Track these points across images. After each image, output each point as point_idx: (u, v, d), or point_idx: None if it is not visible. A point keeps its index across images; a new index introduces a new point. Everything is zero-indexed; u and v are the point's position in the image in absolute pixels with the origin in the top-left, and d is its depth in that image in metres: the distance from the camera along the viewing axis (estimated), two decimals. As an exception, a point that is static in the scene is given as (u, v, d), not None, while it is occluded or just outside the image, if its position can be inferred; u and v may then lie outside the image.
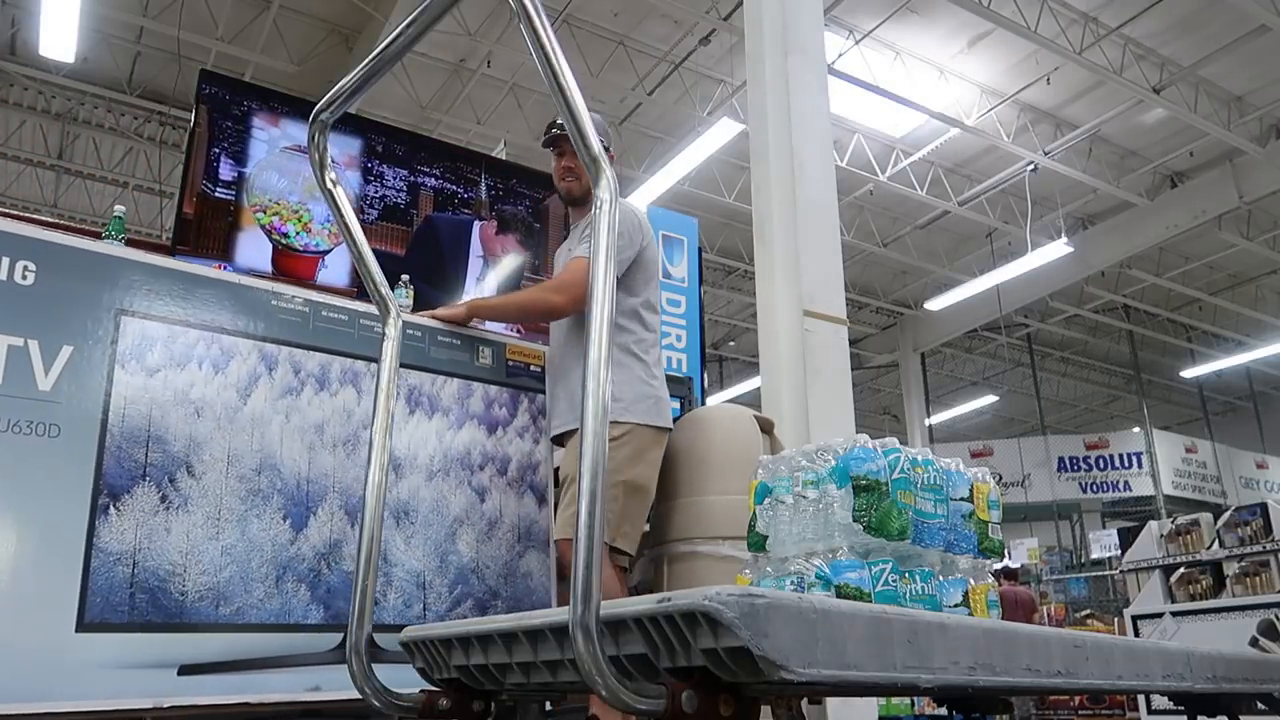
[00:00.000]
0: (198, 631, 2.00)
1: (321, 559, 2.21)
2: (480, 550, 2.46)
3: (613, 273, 1.07)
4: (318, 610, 2.18)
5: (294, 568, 2.17)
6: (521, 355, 2.78)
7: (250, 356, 2.25)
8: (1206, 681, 1.52)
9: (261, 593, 2.11)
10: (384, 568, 2.30)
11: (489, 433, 2.60)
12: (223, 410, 2.18)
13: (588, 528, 0.97)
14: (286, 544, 2.17)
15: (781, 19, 4.35)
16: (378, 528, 1.50)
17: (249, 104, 3.26)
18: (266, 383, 2.26)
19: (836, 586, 1.41)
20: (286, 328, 2.33)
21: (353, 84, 1.42)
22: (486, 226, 3.65)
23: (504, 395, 2.68)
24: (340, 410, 2.36)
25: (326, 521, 2.25)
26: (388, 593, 2.31)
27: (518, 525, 2.56)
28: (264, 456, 2.21)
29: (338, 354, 2.40)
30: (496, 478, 2.57)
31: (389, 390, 1.59)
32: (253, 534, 2.13)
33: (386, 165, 3.50)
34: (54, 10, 7.01)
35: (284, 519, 2.19)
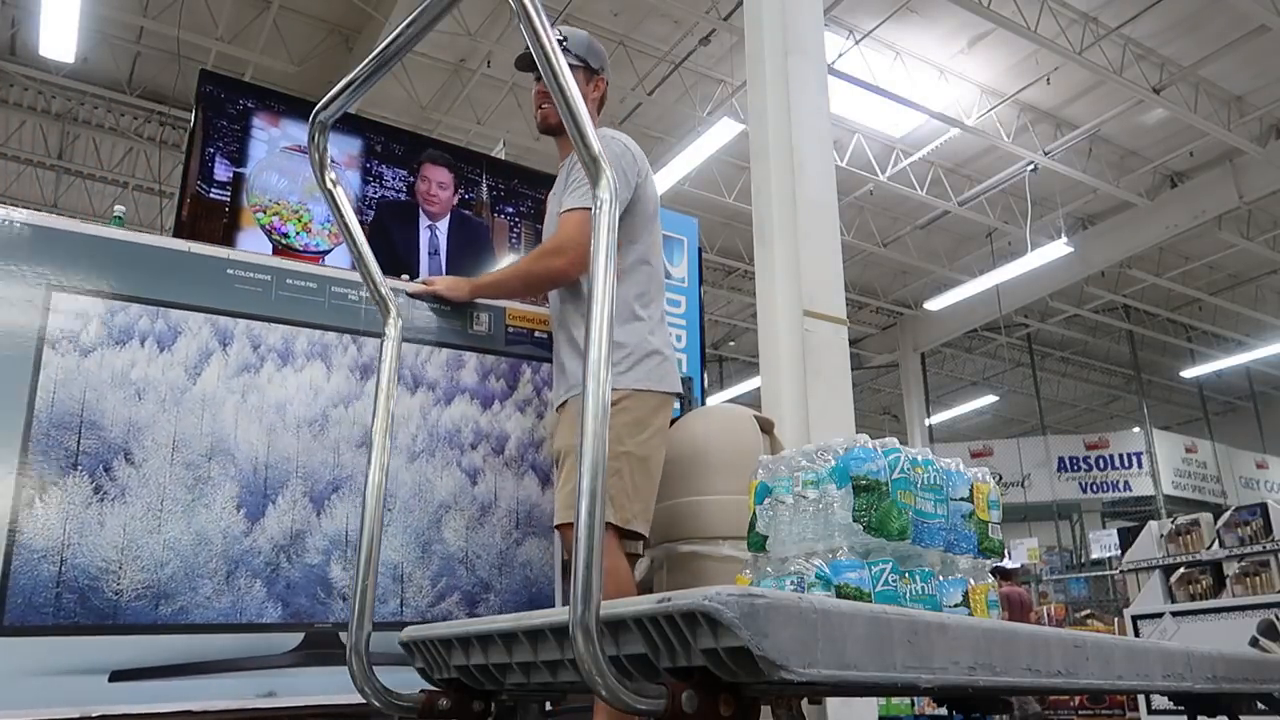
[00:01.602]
0: (133, 634, 1.84)
1: (280, 552, 2.03)
2: (470, 539, 2.26)
3: (613, 272, 1.07)
4: (274, 608, 2.00)
5: (248, 562, 1.99)
6: (524, 320, 2.54)
7: (201, 331, 2.07)
8: (1206, 681, 1.52)
9: (209, 590, 1.94)
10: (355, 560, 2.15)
11: (483, 407, 2.37)
12: (168, 391, 1.99)
13: (588, 527, 0.97)
14: (240, 536, 2.00)
15: (781, 19, 4.35)
16: (378, 528, 1.50)
17: (249, 104, 3.26)
18: (220, 360, 2.08)
19: (836, 586, 1.41)
20: (244, 298, 2.14)
21: (353, 84, 1.42)
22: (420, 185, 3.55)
23: (502, 365, 2.44)
24: (306, 387, 2.16)
25: (287, 510, 2.06)
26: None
27: (515, 510, 2.34)
28: (215, 440, 2.02)
29: (304, 325, 2.20)
30: (491, 457, 2.34)
31: (389, 390, 1.59)
32: (200, 526, 1.96)
33: (386, 165, 3.49)
34: (54, 10, 7.01)
35: (238, 509, 2.01)
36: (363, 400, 2.21)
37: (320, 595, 2.06)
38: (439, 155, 3.63)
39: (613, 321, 1.06)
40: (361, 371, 2.24)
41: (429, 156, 3.59)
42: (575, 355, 2.33)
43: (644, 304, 2.34)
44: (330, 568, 2.09)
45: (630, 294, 2.32)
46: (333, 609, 2.07)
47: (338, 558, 2.10)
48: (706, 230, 11.33)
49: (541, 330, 2.52)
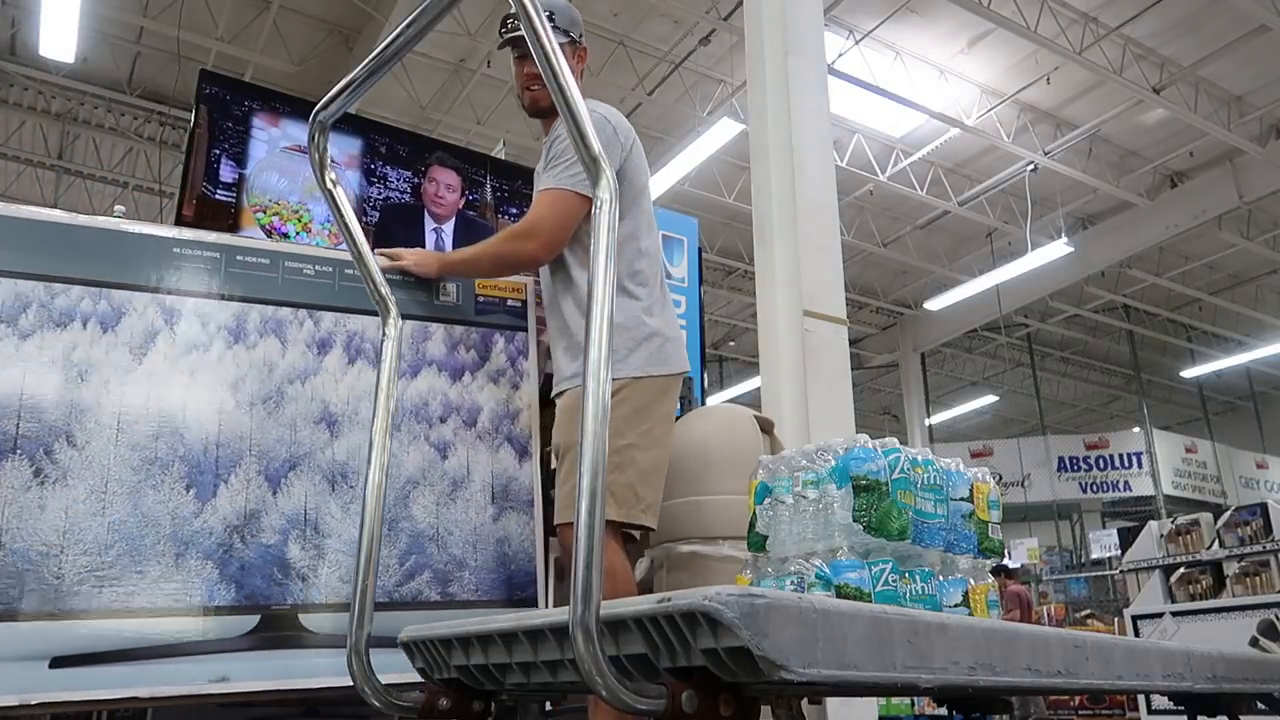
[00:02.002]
0: (75, 619, 1.79)
1: (234, 532, 1.97)
2: (441, 515, 2.17)
3: (614, 271, 1.07)
4: (227, 590, 1.93)
5: (198, 543, 1.93)
6: (494, 289, 2.45)
7: (147, 311, 2.03)
8: (1206, 681, 1.52)
9: (156, 573, 1.88)
10: (315, 539, 2.04)
11: (452, 379, 2.29)
12: (112, 372, 1.96)
13: (588, 527, 0.97)
14: (190, 517, 1.94)
15: (781, 19, 4.35)
16: (378, 528, 1.50)
17: (249, 104, 3.26)
18: (167, 339, 2.03)
19: (836, 586, 1.41)
20: (192, 276, 2.10)
21: (352, 84, 1.42)
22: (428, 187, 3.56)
23: (472, 336, 2.36)
24: (260, 364, 2.11)
25: (240, 490, 2.00)
26: (319, 568, 2.03)
27: (490, 484, 2.25)
28: (163, 421, 1.97)
29: (256, 302, 2.15)
30: (463, 430, 2.26)
31: (389, 390, 1.59)
32: (147, 507, 1.91)
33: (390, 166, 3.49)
34: (54, 10, 7.01)
35: (187, 489, 1.95)
36: (320, 375, 2.17)
37: (277, 576, 1.99)
38: (446, 158, 3.63)
39: (613, 321, 1.06)
40: (319, 347, 2.20)
41: (437, 159, 3.59)
42: (565, 343, 2.24)
43: (638, 281, 2.22)
44: (288, 547, 2.02)
45: (622, 272, 2.21)
46: (290, 590, 2.00)
47: (295, 537, 2.03)
48: (706, 230, 11.33)
49: (514, 299, 2.45)
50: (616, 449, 2.04)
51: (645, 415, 2.14)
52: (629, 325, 2.17)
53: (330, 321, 2.23)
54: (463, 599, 2.13)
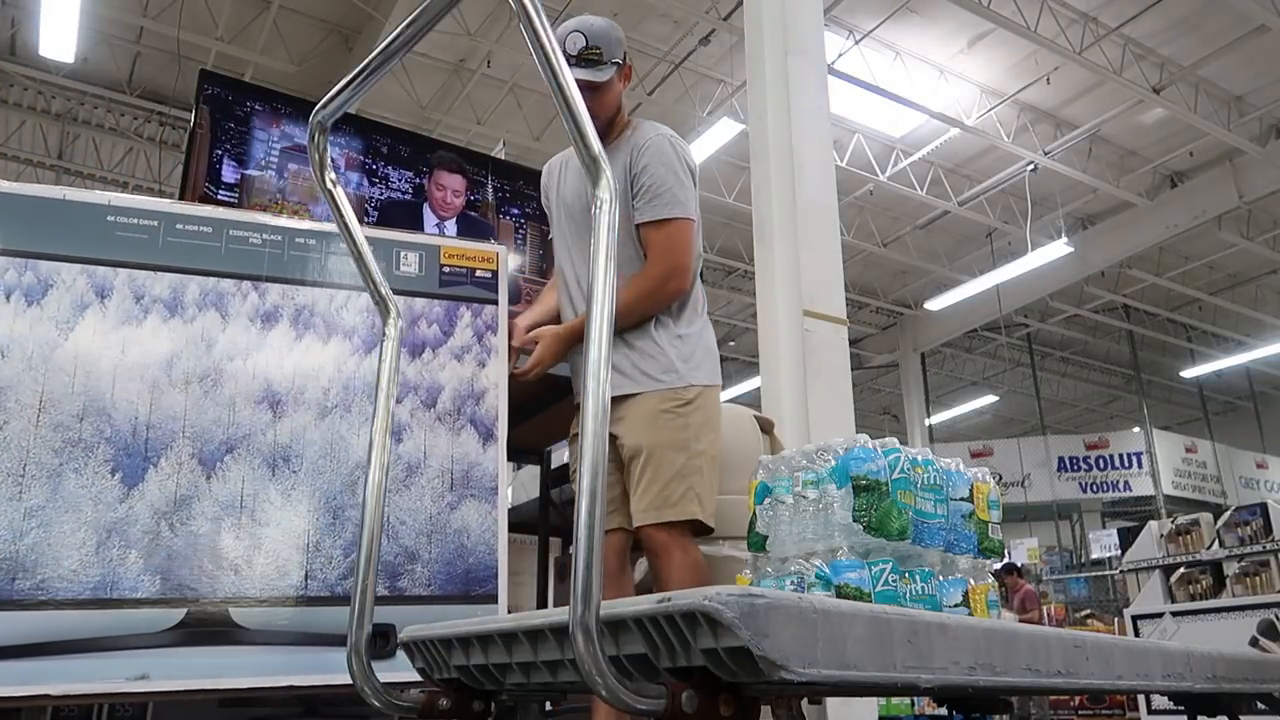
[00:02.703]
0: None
1: (161, 519, 1.84)
2: (392, 503, 2.01)
3: (613, 271, 1.07)
4: (151, 582, 1.80)
5: (122, 531, 1.81)
6: (462, 258, 2.28)
7: (76, 283, 1.90)
8: (1206, 681, 1.52)
9: (75, 562, 1.76)
10: (251, 528, 1.90)
11: (411, 357, 2.13)
12: (35, 348, 1.83)
13: (588, 528, 0.96)
14: (114, 503, 1.81)
15: (781, 19, 4.35)
16: (378, 527, 1.49)
17: (249, 104, 3.26)
18: (97, 313, 1.90)
19: (836, 586, 1.41)
20: (127, 246, 1.96)
21: (352, 84, 1.42)
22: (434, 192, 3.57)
23: (435, 309, 2.20)
24: (197, 339, 1.97)
25: (171, 474, 1.87)
26: (254, 559, 1.89)
27: (449, 470, 2.10)
28: (89, 400, 1.85)
29: (196, 273, 2.00)
30: (421, 411, 2.10)
31: (389, 390, 1.59)
32: (68, 492, 1.79)
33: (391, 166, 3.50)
34: (54, 10, 7.01)
35: (112, 473, 1.83)
36: (264, 352, 2.03)
37: (206, 568, 1.86)
38: (450, 160, 3.64)
39: (613, 321, 1.05)
40: (263, 320, 2.05)
41: (441, 160, 3.60)
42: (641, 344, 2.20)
43: (702, 303, 2.34)
44: (220, 537, 1.89)
45: (696, 292, 2.31)
46: (221, 583, 1.87)
47: (230, 525, 1.90)
48: (707, 230, 11.29)
49: (484, 269, 2.29)
50: (696, 453, 2.13)
51: (713, 424, 2.21)
52: (701, 336, 2.26)
53: (277, 294, 2.08)
54: (413, 594, 1.99)
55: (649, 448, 2.13)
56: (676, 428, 2.15)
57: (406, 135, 3.84)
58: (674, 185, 2.24)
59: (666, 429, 2.14)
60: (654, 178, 2.22)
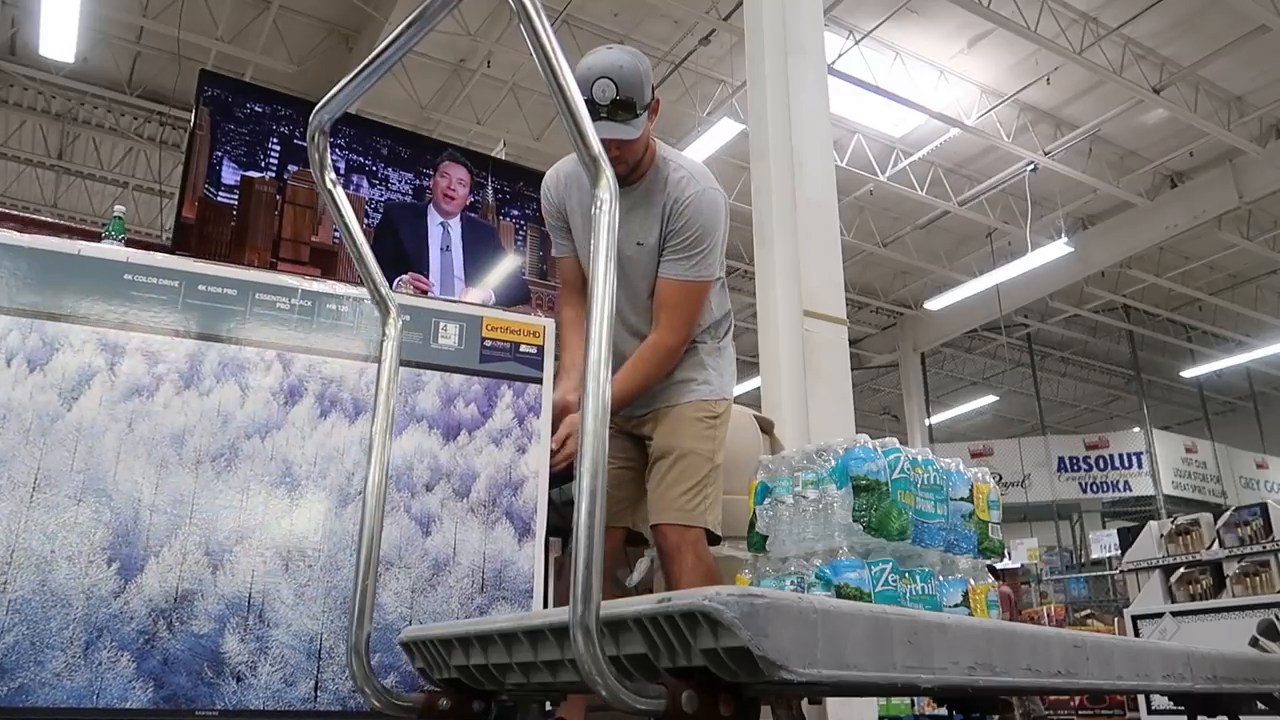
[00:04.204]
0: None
1: (159, 618, 1.65)
2: (417, 604, 1.82)
3: (613, 272, 1.07)
4: (144, 689, 1.61)
5: (115, 630, 1.62)
6: (505, 331, 2.10)
7: (84, 347, 1.73)
8: (1206, 681, 1.52)
9: (60, 664, 1.57)
10: (260, 630, 1.72)
11: (445, 439, 1.95)
12: (35, 419, 1.67)
13: (588, 528, 0.96)
14: (108, 597, 1.63)
15: (781, 19, 4.35)
16: (378, 528, 1.49)
17: (249, 104, 3.26)
18: (105, 381, 1.74)
19: (836, 586, 1.41)
20: (144, 308, 1.80)
21: (352, 84, 1.42)
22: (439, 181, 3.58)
23: (474, 387, 2.01)
24: (213, 414, 1.79)
25: (174, 566, 1.69)
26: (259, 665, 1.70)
27: (481, 569, 1.90)
28: (89, 478, 1.68)
29: (217, 340, 1.83)
30: (452, 501, 1.92)
31: (389, 390, 1.58)
32: (58, 583, 1.60)
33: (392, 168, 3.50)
34: (54, 10, 7.01)
35: (109, 562, 1.65)
36: (285, 430, 1.85)
37: (207, 674, 1.68)
38: (457, 154, 3.66)
39: (614, 322, 1.06)
40: (287, 395, 1.87)
41: (449, 155, 3.62)
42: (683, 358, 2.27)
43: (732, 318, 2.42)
44: (224, 639, 1.70)
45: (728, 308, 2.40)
46: (222, 692, 1.67)
47: (235, 626, 1.71)
48: (706, 230, 11.29)
49: (529, 344, 2.11)
50: (716, 465, 2.19)
51: (725, 439, 2.27)
52: (731, 350, 2.37)
53: (303, 366, 1.90)
54: None
55: (681, 451, 2.16)
56: (706, 437, 2.22)
57: (407, 136, 3.84)
58: (711, 247, 2.20)
59: (699, 437, 2.20)
60: (696, 238, 2.15)
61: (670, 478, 2.14)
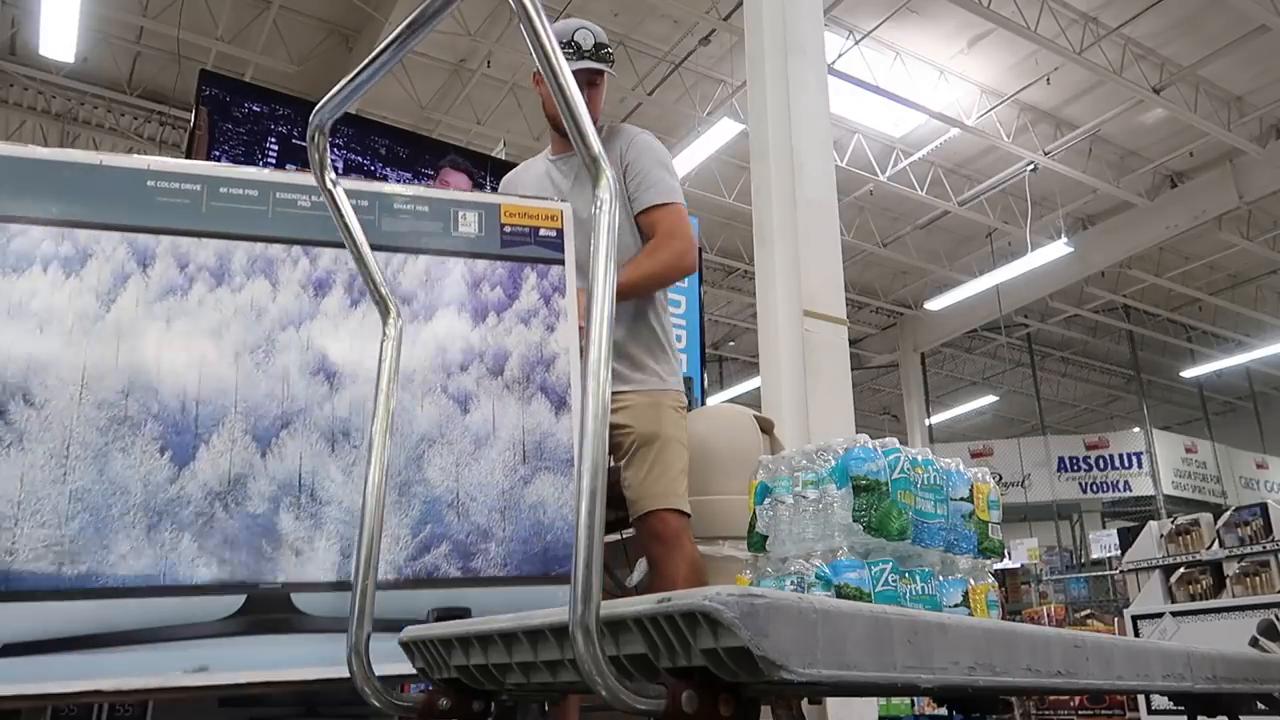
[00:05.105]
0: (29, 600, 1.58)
1: (215, 500, 1.73)
2: (462, 478, 1.88)
3: (613, 272, 1.07)
4: (208, 566, 1.69)
5: (174, 513, 1.70)
6: (524, 218, 2.12)
7: (116, 252, 1.79)
8: (1206, 681, 1.52)
9: (125, 547, 1.65)
10: (312, 508, 1.79)
11: (474, 322, 1.99)
12: (75, 322, 1.73)
13: (588, 528, 0.96)
14: (164, 483, 1.70)
15: (781, 19, 4.35)
16: (378, 527, 1.49)
17: (248, 104, 3.26)
18: (139, 283, 1.79)
19: (836, 586, 1.41)
20: (169, 212, 1.85)
21: (352, 84, 1.42)
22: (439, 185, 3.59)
23: (497, 271, 2.04)
24: (246, 309, 1.85)
25: (224, 451, 1.75)
26: (315, 540, 1.77)
27: (521, 442, 1.95)
28: (134, 375, 1.74)
29: (243, 239, 1.89)
30: (487, 379, 1.96)
31: (389, 390, 1.59)
32: (115, 473, 1.68)
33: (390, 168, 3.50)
34: (54, 10, 7.01)
35: (161, 451, 1.72)
36: (318, 320, 1.91)
37: (266, 550, 1.75)
38: (458, 160, 3.65)
39: (614, 321, 1.05)
40: (315, 287, 1.93)
41: (449, 161, 3.61)
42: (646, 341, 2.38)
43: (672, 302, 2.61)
44: (278, 517, 1.78)
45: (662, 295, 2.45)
46: (281, 566, 1.76)
47: (288, 505, 1.79)
48: (706, 230, 11.33)
49: (548, 227, 2.13)
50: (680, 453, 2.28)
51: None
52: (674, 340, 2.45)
53: (329, 259, 1.94)
54: (488, 575, 1.86)
55: (665, 437, 2.26)
56: (681, 427, 2.33)
57: (405, 136, 3.84)
58: (666, 175, 2.37)
59: (677, 426, 2.32)
60: (648, 168, 2.35)
61: (661, 463, 2.23)
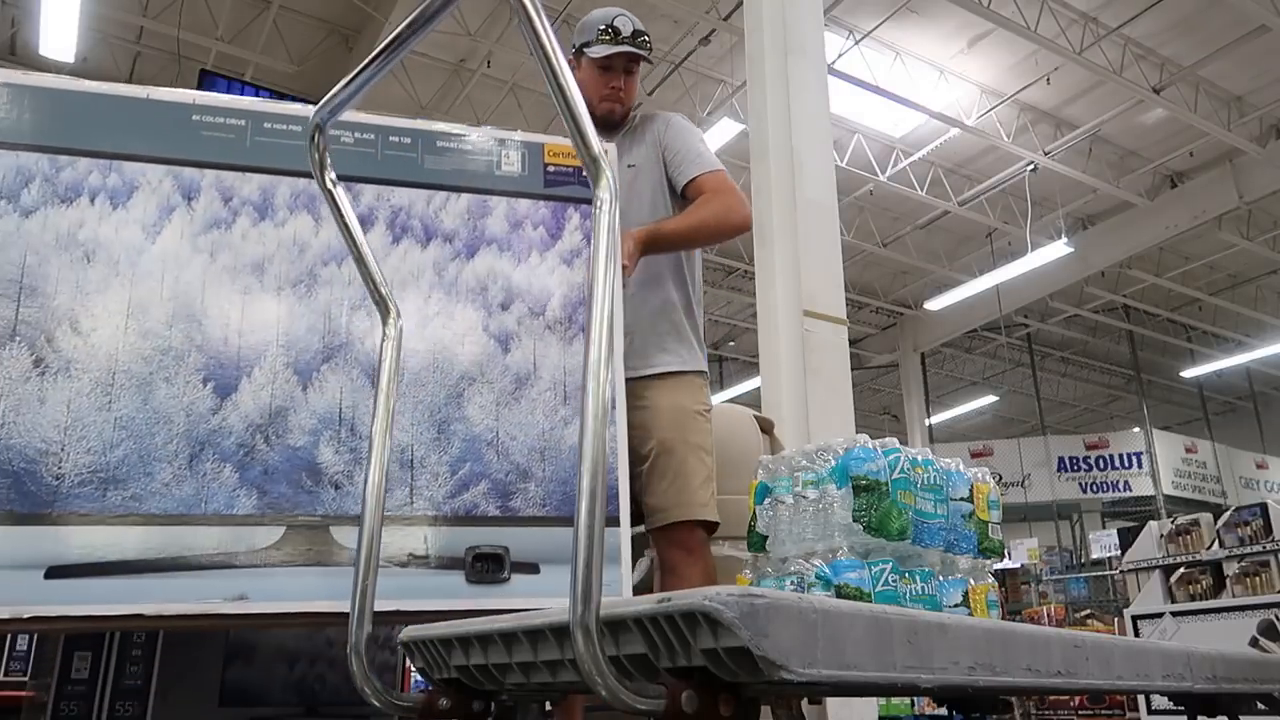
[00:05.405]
0: (75, 524, 1.60)
1: (256, 432, 1.74)
2: (502, 417, 1.87)
3: (613, 271, 1.07)
4: (248, 497, 1.71)
5: (216, 443, 1.71)
6: (567, 157, 2.10)
7: (162, 185, 1.81)
8: (1206, 681, 1.52)
9: (168, 475, 1.67)
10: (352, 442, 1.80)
11: (517, 261, 1.98)
12: (122, 252, 1.76)
13: (588, 528, 0.96)
14: (207, 414, 1.72)
15: (781, 19, 4.35)
16: (378, 526, 1.49)
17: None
18: (184, 216, 1.81)
19: (836, 586, 1.41)
20: (213, 146, 1.87)
21: (352, 84, 1.42)
22: None
23: (540, 211, 2.04)
24: (289, 243, 1.87)
25: (265, 384, 1.77)
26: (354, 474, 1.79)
27: (563, 382, 1.94)
28: (178, 306, 1.77)
29: (286, 174, 1.90)
30: (529, 319, 1.96)
31: (389, 390, 1.58)
32: (159, 402, 1.70)
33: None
34: (54, 10, 7.01)
35: (204, 382, 1.74)
36: None
37: (306, 483, 1.77)
38: None
39: (614, 322, 1.05)
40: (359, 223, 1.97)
41: None
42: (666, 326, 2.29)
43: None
44: (319, 450, 1.79)
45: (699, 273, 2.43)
46: (321, 499, 1.77)
47: (329, 439, 1.80)
48: (706, 230, 11.29)
49: None
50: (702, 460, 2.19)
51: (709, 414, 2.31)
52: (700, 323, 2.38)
53: (371, 195, 1.96)
54: (527, 514, 1.85)
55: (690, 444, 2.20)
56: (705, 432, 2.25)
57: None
58: (705, 149, 2.43)
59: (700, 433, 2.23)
60: (687, 144, 2.41)
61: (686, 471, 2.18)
